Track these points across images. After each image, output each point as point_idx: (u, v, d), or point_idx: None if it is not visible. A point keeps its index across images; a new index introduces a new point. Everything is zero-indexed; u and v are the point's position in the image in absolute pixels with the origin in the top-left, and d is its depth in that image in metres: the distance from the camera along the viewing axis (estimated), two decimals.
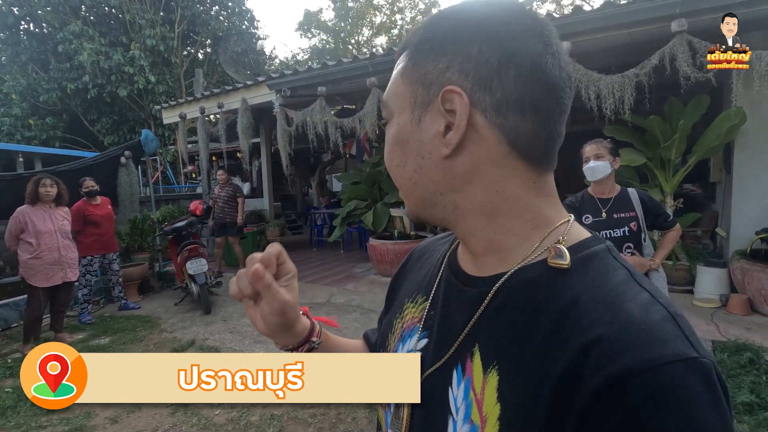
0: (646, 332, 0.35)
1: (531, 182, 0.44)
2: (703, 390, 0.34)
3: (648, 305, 0.38)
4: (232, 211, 6.60)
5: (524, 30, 0.42)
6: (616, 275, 0.41)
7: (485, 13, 0.43)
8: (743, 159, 4.68)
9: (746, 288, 4.16)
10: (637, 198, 2.38)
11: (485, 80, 0.41)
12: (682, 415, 0.33)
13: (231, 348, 4.16)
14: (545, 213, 0.45)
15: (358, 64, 5.34)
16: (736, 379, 3.01)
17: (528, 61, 0.41)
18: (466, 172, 0.43)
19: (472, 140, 0.42)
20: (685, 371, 0.34)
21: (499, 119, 0.41)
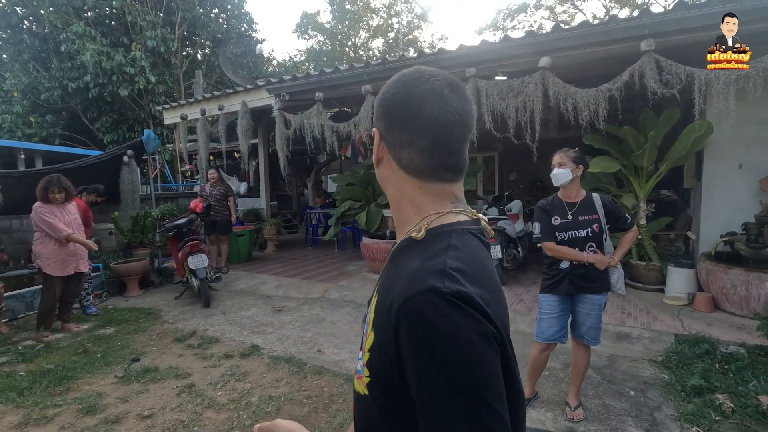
0: (419, 278, 0.58)
1: (417, 186, 0.70)
2: (440, 309, 0.54)
3: (435, 263, 0.60)
4: (223, 210, 6.86)
5: (406, 95, 0.68)
6: (438, 246, 0.64)
7: (389, 86, 0.71)
8: (712, 168, 5.03)
9: (710, 287, 4.49)
10: (600, 202, 2.69)
11: (386, 128, 0.70)
12: (427, 328, 0.54)
13: (231, 338, 4.43)
14: (425, 206, 0.70)
15: (354, 72, 5.64)
16: (690, 367, 3.33)
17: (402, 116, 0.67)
18: (384, 177, 0.74)
19: (384, 159, 0.72)
20: (423, 295, 0.55)
21: (391, 150, 0.70)
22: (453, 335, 0.54)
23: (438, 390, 0.54)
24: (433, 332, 0.54)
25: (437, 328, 0.54)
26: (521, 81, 4.41)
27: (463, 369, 0.54)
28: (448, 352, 0.54)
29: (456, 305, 0.55)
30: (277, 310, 5.26)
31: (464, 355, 0.54)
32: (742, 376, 3.18)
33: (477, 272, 0.61)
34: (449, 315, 0.54)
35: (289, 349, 4.10)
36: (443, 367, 0.54)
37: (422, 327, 0.55)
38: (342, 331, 4.49)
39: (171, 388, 3.38)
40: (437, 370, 0.54)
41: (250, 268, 7.37)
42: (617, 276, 2.72)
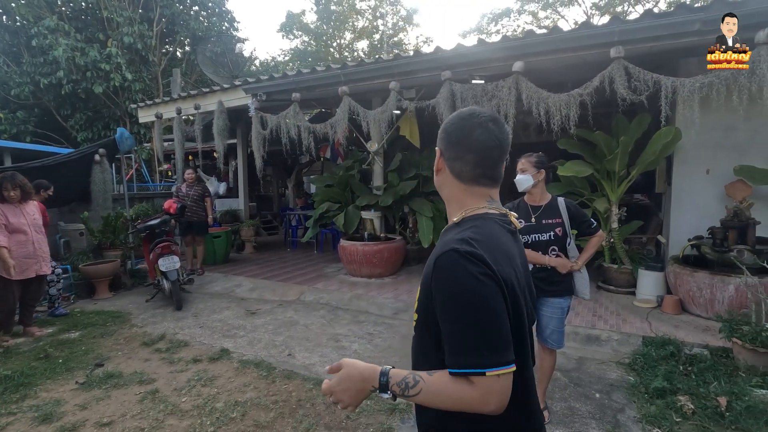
0: (446, 244, 0.89)
1: (463, 189, 1.00)
2: (455, 260, 0.83)
3: (456, 236, 0.89)
4: (200, 211, 6.75)
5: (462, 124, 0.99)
6: (465, 226, 0.94)
7: (449, 120, 1.03)
8: (680, 173, 5.14)
9: (678, 290, 4.59)
10: (564, 206, 2.71)
11: (445, 146, 1.01)
12: (446, 271, 0.84)
13: (201, 342, 4.34)
14: (466, 203, 1.00)
15: (331, 73, 5.60)
16: (655, 369, 3.38)
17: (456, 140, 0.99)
18: (441, 182, 1.05)
19: (442, 170, 1.03)
20: (449, 254, 0.84)
21: (448, 163, 1.01)
22: (462, 276, 0.81)
23: (452, 312, 0.82)
24: (450, 276, 0.83)
25: (452, 273, 0.83)
26: (495, 85, 4.44)
27: (468, 294, 0.80)
28: (459, 287, 0.81)
29: (467, 258, 0.82)
30: (251, 313, 5.18)
31: (469, 286, 0.80)
32: (703, 378, 3.25)
33: (490, 244, 0.88)
34: (461, 264, 0.82)
35: (260, 353, 4.04)
36: (455, 297, 0.81)
37: (444, 273, 0.84)
38: (314, 335, 4.44)
39: (134, 395, 3.29)
40: (451, 299, 0.82)
41: (226, 269, 7.25)
42: (582, 280, 2.74)
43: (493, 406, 0.79)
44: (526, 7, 22.84)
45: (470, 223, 0.94)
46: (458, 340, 0.80)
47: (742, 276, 4.12)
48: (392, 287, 5.91)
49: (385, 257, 6.33)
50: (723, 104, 3.93)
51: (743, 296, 4.09)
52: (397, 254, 6.51)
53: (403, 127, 6.52)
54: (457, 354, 0.80)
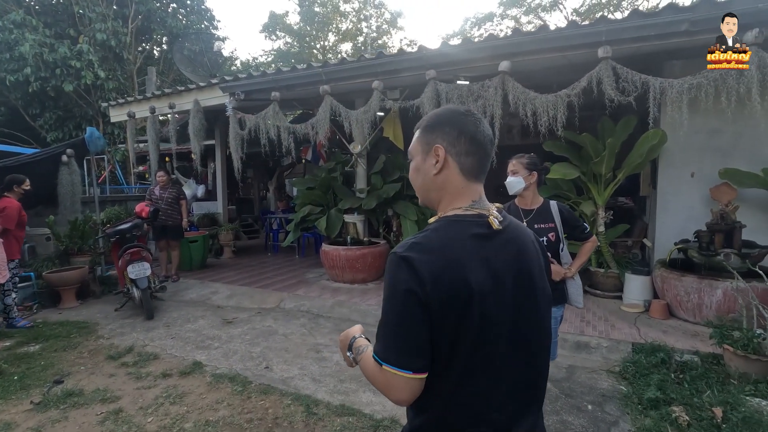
0: (398, 246, 0.93)
1: (461, 186, 0.99)
2: (391, 261, 0.90)
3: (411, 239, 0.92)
4: (174, 214, 6.45)
5: (467, 121, 0.98)
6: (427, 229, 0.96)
7: (451, 115, 1.00)
8: (666, 176, 5.11)
9: (665, 294, 4.53)
10: (557, 210, 2.57)
11: (451, 143, 0.97)
12: (386, 270, 0.92)
13: (171, 354, 4.07)
14: (456, 201, 0.98)
15: (312, 72, 5.40)
16: (647, 378, 3.28)
17: (468, 134, 0.97)
18: (440, 182, 0.99)
19: (445, 167, 0.98)
20: (390, 255, 0.92)
21: (457, 158, 0.97)
22: (391, 278, 0.90)
23: (383, 305, 0.92)
24: (386, 275, 0.92)
25: (388, 272, 0.91)
26: (481, 85, 4.32)
27: (390, 296, 0.90)
28: (387, 288, 0.91)
29: (398, 264, 0.89)
30: (227, 322, 4.92)
31: (393, 289, 0.89)
32: (696, 386, 3.16)
33: (437, 248, 0.89)
34: (393, 267, 0.90)
35: (235, 365, 3.80)
36: (384, 293, 0.92)
37: (386, 271, 0.93)
38: (294, 345, 4.22)
39: (95, 415, 3.02)
40: (384, 293, 0.92)
41: (202, 276, 6.95)
42: (575, 288, 2.61)
43: (393, 397, 0.91)
44: (508, 12, 23.03)
45: (432, 225, 0.96)
46: (379, 329, 0.91)
47: (730, 280, 4.09)
48: (376, 293, 5.72)
49: (368, 262, 6.15)
50: (709, 107, 3.89)
51: (731, 300, 4.04)
52: (380, 259, 6.32)
53: (386, 129, 6.37)
54: (376, 340, 0.92)
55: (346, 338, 1.13)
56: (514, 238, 0.98)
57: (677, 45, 3.75)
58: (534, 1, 22.10)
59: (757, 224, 4.55)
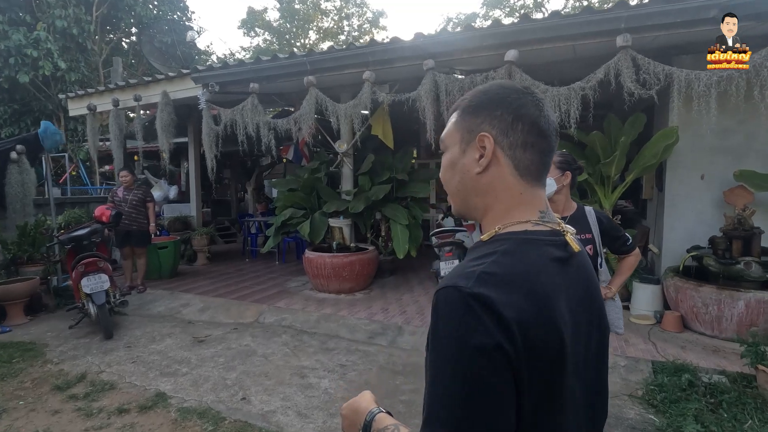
0: (452, 274, 0.65)
1: (519, 193, 0.72)
2: (453, 302, 0.60)
3: (475, 266, 0.64)
4: (140, 218, 5.82)
5: (526, 102, 0.71)
6: (488, 250, 0.67)
7: (503, 92, 0.73)
8: (675, 178, 4.81)
9: (679, 305, 4.21)
10: (595, 218, 2.17)
11: (504, 130, 0.71)
12: (439, 313, 0.62)
13: (131, 383, 3.49)
14: (514, 213, 0.72)
15: (295, 61, 4.89)
16: (678, 405, 2.91)
17: (528, 120, 0.70)
18: (487, 183, 0.73)
19: (494, 164, 0.71)
20: (446, 291, 0.62)
21: (510, 152, 0.71)
22: (455, 327, 0.59)
23: (434, 368, 0.61)
24: (441, 321, 0.61)
25: (445, 318, 0.61)
26: (485, 77, 3.90)
27: (451, 366, 0.59)
28: (446, 341, 0.60)
29: (468, 305, 0.59)
30: (198, 341, 4.35)
31: (459, 345, 0.58)
32: (734, 415, 2.81)
33: (518, 282, 0.62)
34: (459, 310, 0.59)
35: (206, 396, 3.26)
36: (440, 350, 0.61)
37: (437, 314, 0.62)
38: (275, 369, 3.70)
39: None
40: (436, 351, 0.61)
41: (173, 285, 6.32)
42: (615, 311, 2.20)
43: None
44: (491, 13, 22.92)
45: (498, 246, 0.67)
46: (433, 404, 0.60)
47: (753, 291, 3.79)
48: (365, 305, 5.25)
49: (356, 270, 5.66)
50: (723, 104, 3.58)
51: (754, 313, 3.74)
52: (369, 266, 5.85)
53: (375, 126, 5.90)
54: (429, 421, 0.59)
55: (356, 414, 0.81)
56: (584, 262, 0.77)
57: (703, 35, 3.41)
58: (517, 3, 22.06)
59: None
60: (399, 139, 6.18)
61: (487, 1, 22.75)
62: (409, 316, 4.79)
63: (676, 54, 4.49)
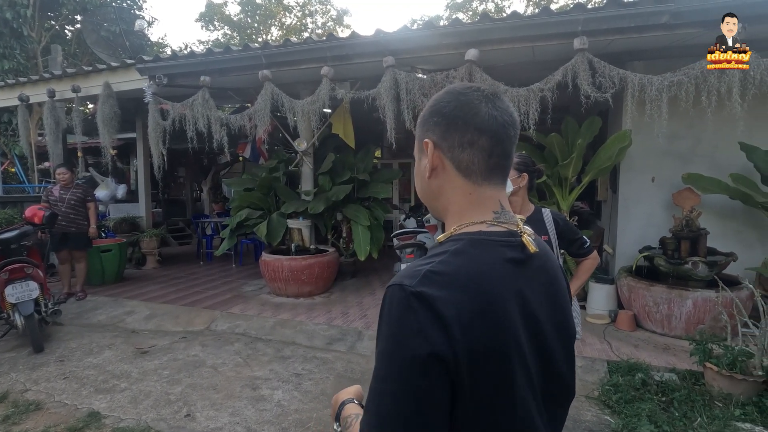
0: (402, 273, 0.65)
1: (468, 193, 0.72)
2: (397, 300, 0.60)
3: (422, 265, 0.64)
4: (79, 219, 5.37)
5: (463, 102, 0.71)
6: (440, 250, 0.68)
7: (443, 98, 0.74)
8: (628, 180, 4.94)
9: (632, 304, 4.31)
10: (551, 220, 2.11)
11: (442, 134, 0.72)
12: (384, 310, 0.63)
13: (61, 402, 3.16)
14: (468, 214, 0.72)
15: (250, 54, 4.64)
16: (633, 405, 2.94)
17: (462, 120, 0.70)
18: (438, 186, 0.75)
19: (440, 168, 0.74)
20: (391, 289, 0.62)
21: (449, 154, 0.72)
22: (396, 324, 0.59)
23: (377, 362, 0.62)
24: (385, 318, 0.62)
25: (388, 315, 0.61)
26: (446, 75, 3.84)
27: (387, 363, 0.60)
28: (388, 338, 0.60)
29: (408, 304, 0.59)
30: (141, 353, 4.03)
31: (398, 342, 0.58)
32: (684, 412, 2.87)
33: (466, 281, 0.61)
34: (401, 307, 0.60)
35: (145, 414, 2.99)
36: (381, 346, 0.61)
37: (382, 311, 0.63)
38: (225, 381, 3.46)
39: None
40: (379, 346, 0.62)
41: (117, 292, 5.89)
42: (573, 314, 2.15)
43: None
44: (454, 16, 23.23)
45: (450, 246, 0.67)
46: (371, 399, 0.61)
47: (699, 290, 3.92)
48: (324, 309, 5.07)
49: (315, 273, 5.47)
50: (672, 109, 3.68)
51: (701, 311, 3.87)
52: (329, 269, 5.68)
53: (335, 125, 5.73)
54: (365, 411, 0.62)
55: (335, 404, 0.87)
56: (544, 264, 0.76)
57: (654, 39, 3.50)
58: (480, 6, 22.45)
59: (716, 231, 4.46)
60: (361, 139, 6.05)
61: (451, 4, 23.04)
62: (370, 320, 4.66)
63: (629, 59, 4.60)
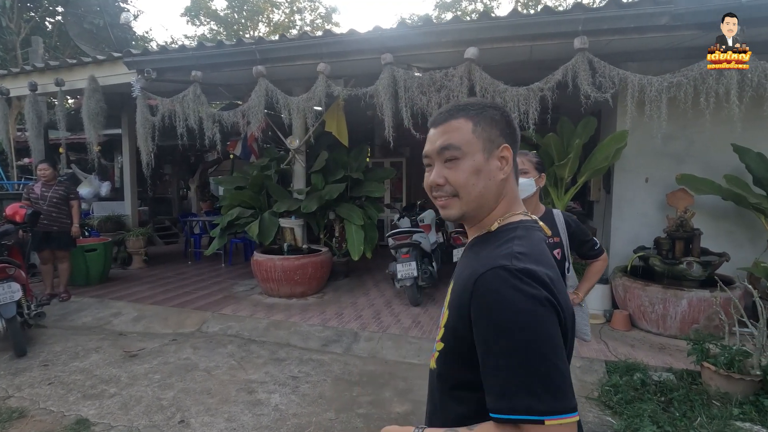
0: (490, 260, 0.73)
1: (515, 194, 0.88)
2: (505, 280, 0.68)
3: (504, 250, 0.74)
4: (61, 217, 5.18)
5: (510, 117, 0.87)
6: (507, 236, 0.78)
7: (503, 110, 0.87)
8: (621, 180, 4.97)
9: (627, 304, 4.33)
10: (563, 221, 2.09)
11: (512, 143, 0.85)
12: (494, 294, 0.68)
13: (46, 409, 3.03)
14: (511, 207, 0.86)
15: (244, 49, 4.52)
16: (633, 406, 2.94)
17: (518, 135, 0.88)
18: (504, 188, 0.85)
19: (511, 172, 0.85)
20: (493, 272, 0.69)
21: (513, 160, 0.85)
22: (517, 299, 0.66)
23: (502, 344, 0.65)
24: (499, 299, 0.67)
25: (503, 295, 0.67)
26: (444, 73, 3.79)
27: (524, 322, 0.65)
28: (512, 314, 0.66)
29: (520, 278, 0.67)
30: (130, 356, 3.90)
31: (526, 312, 0.65)
32: (684, 412, 2.88)
33: (540, 257, 0.74)
34: (514, 284, 0.67)
35: (137, 421, 2.88)
36: (506, 325, 0.66)
37: (491, 296, 0.68)
38: (219, 385, 3.36)
39: None
40: (501, 328, 0.66)
41: (103, 292, 5.71)
42: (582, 317, 2.15)
43: None
44: (443, 16, 23.24)
45: (510, 233, 0.79)
46: (507, 378, 0.64)
47: (694, 290, 3.96)
48: (318, 309, 4.99)
49: (308, 273, 5.39)
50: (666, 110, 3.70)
51: (696, 311, 3.91)
52: (322, 269, 5.60)
53: (329, 122, 5.65)
54: (506, 396, 0.64)
55: None
56: None
57: (653, 41, 3.51)
58: (469, 7, 22.53)
59: (708, 231, 4.52)
60: (353, 137, 5.97)
61: (440, 4, 23.05)
62: (365, 321, 4.60)
63: (623, 60, 4.63)
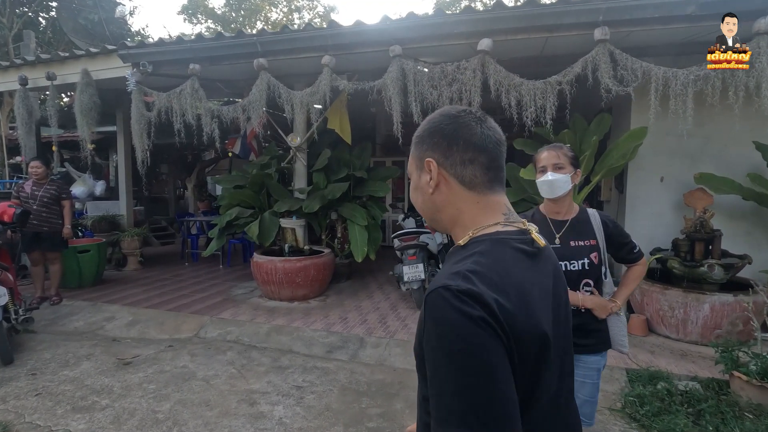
0: (441, 278, 0.68)
1: (475, 201, 0.79)
2: (445, 300, 0.63)
3: (455, 268, 0.69)
4: (52, 218, 4.96)
5: (461, 124, 0.79)
6: (468, 252, 0.73)
7: (440, 119, 0.82)
8: (636, 180, 4.81)
9: (645, 308, 4.16)
10: (599, 222, 1.90)
11: (443, 153, 0.79)
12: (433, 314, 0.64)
13: (32, 423, 2.81)
14: (478, 219, 0.79)
15: (244, 41, 4.32)
16: (662, 419, 2.75)
17: (462, 140, 0.78)
18: (442, 200, 0.81)
19: (443, 183, 0.80)
20: (436, 292, 0.65)
21: (452, 170, 0.79)
22: (452, 321, 0.62)
23: (437, 368, 0.63)
24: (437, 320, 0.64)
25: (440, 316, 0.64)
26: (457, 66, 3.60)
27: (457, 347, 0.61)
28: (446, 337, 0.62)
29: (460, 299, 0.63)
30: (123, 364, 3.69)
31: (460, 336, 0.61)
32: (716, 426, 2.70)
33: (498, 277, 0.67)
34: (453, 305, 0.62)
35: None
36: (441, 348, 0.63)
37: (431, 316, 0.65)
38: (219, 395, 3.16)
39: None
40: (437, 350, 0.63)
41: (96, 295, 5.48)
42: (619, 327, 1.95)
43: None
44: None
45: (475, 248, 0.74)
46: (442, 404, 0.62)
47: (717, 293, 3.79)
48: (321, 313, 4.79)
49: (311, 275, 5.19)
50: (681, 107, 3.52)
51: (718, 316, 3.74)
52: (325, 271, 5.40)
53: (331, 120, 5.45)
54: (441, 424, 0.62)
55: None
56: (549, 254, 0.84)
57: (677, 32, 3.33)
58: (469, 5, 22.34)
59: (725, 232, 4.35)
60: (354, 136, 5.77)
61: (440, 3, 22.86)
62: (371, 325, 4.40)
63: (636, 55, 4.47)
